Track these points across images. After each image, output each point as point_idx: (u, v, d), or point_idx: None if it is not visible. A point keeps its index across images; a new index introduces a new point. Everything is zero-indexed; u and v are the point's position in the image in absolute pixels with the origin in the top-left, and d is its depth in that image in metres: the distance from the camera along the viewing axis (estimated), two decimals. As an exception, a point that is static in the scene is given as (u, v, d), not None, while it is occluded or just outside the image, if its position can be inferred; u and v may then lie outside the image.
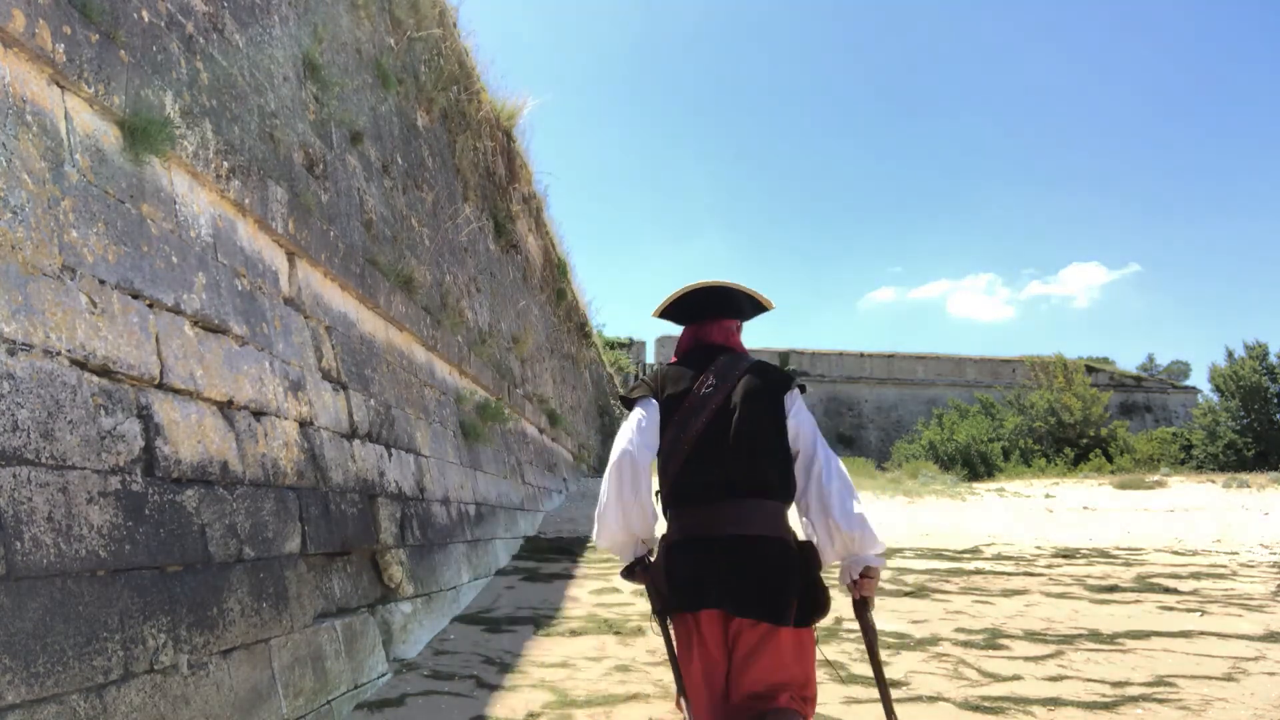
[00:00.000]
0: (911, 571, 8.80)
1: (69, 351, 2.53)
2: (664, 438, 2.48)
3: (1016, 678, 4.79)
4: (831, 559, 2.41)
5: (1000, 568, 9.24)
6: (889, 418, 42.31)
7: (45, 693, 2.13)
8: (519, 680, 4.52)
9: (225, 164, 3.71)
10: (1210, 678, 4.78)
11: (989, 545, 11.42)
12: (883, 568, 2.39)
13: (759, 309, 2.71)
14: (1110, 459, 30.28)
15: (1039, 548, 11.23)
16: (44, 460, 2.33)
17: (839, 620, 5.84)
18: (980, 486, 22.58)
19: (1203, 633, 5.97)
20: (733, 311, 2.69)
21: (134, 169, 3.10)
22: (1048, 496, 19.83)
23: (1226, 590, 7.80)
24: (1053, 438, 33.09)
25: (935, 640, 5.66)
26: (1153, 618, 6.53)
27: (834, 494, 2.35)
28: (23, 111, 2.55)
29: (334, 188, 5.33)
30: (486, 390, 9.08)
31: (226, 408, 3.40)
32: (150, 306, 3.01)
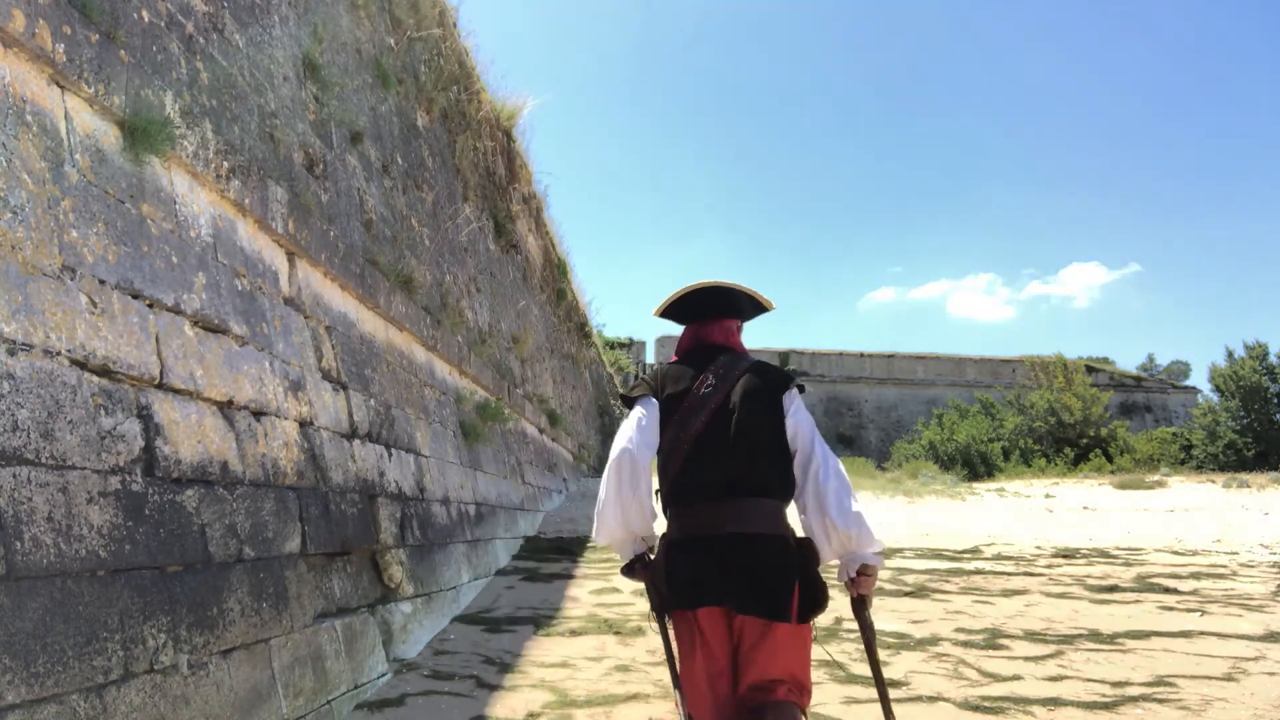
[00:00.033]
0: (911, 571, 8.80)
1: (69, 351, 2.53)
2: (664, 437, 2.50)
3: (1016, 678, 4.79)
4: (829, 557, 2.43)
5: (1000, 568, 9.24)
6: (889, 418, 42.30)
7: (45, 693, 2.14)
8: (519, 680, 4.52)
9: (225, 164, 3.71)
10: (1210, 678, 4.78)
11: (989, 545, 11.42)
12: (880, 566, 2.42)
13: (759, 309, 2.74)
14: (1110, 459, 30.27)
15: (1039, 548, 11.22)
16: (44, 460, 2.33)
17: (839, 620, 5.84)
18: (980, 486, 22.58)
19: (1203, 633, 5.97)
20: (733, 312, 2.72)
21: (134, 169, 3.10)
22: (1048, 496, 19.83)
23: (1226, 590, 7.80)
24: (1053, 438, 33.08)
25: (935, 640, 5.66)
26: (1153, 618, 6.53)
27: (830, 493, 2.36)
28: (23, 111, 2.56)
29: (334, 188, 5.33)
30: (486, 390, 9.08)
31: (226, 408, 3.40)
32: (150, 306, 3.01)
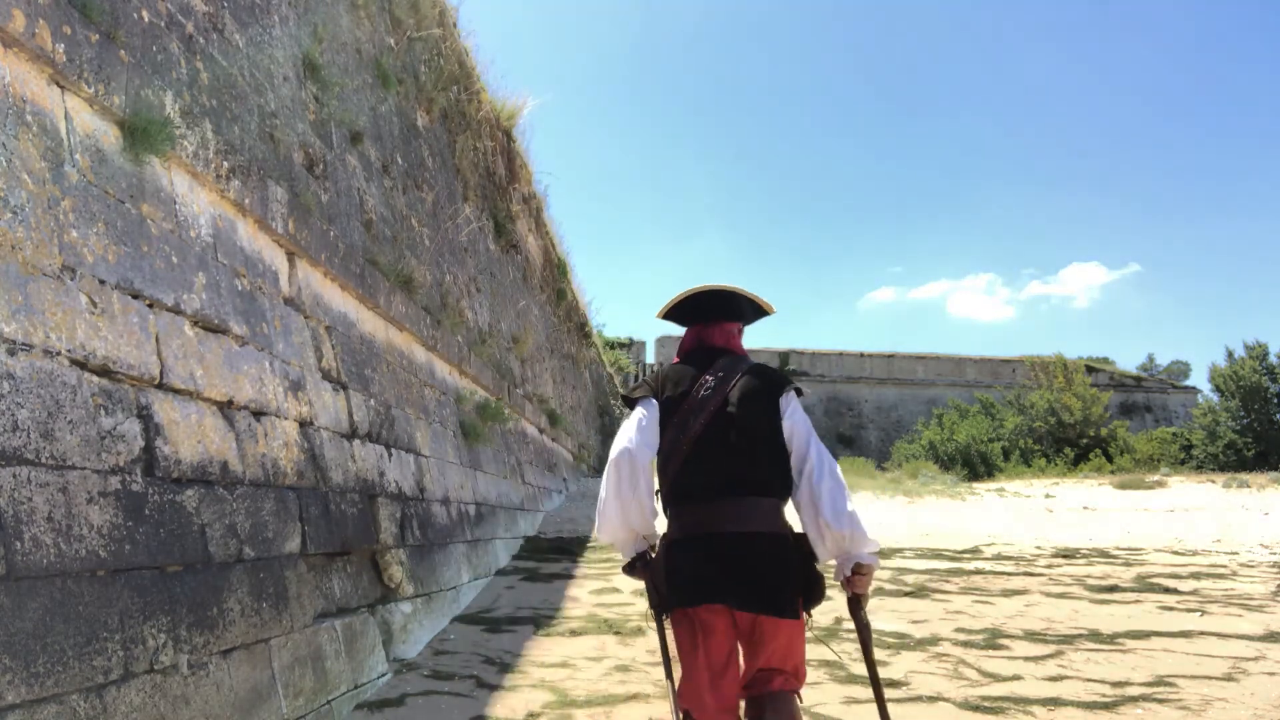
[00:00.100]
0: (911, 571, 8.80)
1: (69, 351, 2.53)
2: (664, 438, 2.54)
3: (1016, 678, 4.79)
4: (825, 558, 2.46)
5: (1000, 568, 9.24)
6: (889, 418, 42.29)
7: (45, 693, 2.14)
8: (519, 680, 4.52)
9: (225, 164, 3.71)
10: (1210, 678, 4.78)
11: (989, 545, 11.42)
12: (876, 566, 2.44)
13: (760, 313, 2.79)
14: (1110, 459, 30.25)
15: (1039, 548, 11.22)
16: (44, 460, 2.33)
17: (839, 620, 5.84)
18: (980, 486, 22.56)
19: (1203, 633, 5.97)
20: (734, 315, 2.76)
21: (134, 169, 3.10)
22: (1048, 496, 19.82)
23: (1226, 590, 7.80)
24: (1053, 438, 33.07)
25: (935, 640, 5.66)
26: (1153, 618, 6.53)
27: (824, 493, 2.39)
28: (23, 111, 2.56)
29: (334, 188, 5.33)
30: (486, 390, 9.08)
31: (226, 408, 3.40)
32: (150, 306, 3.01)
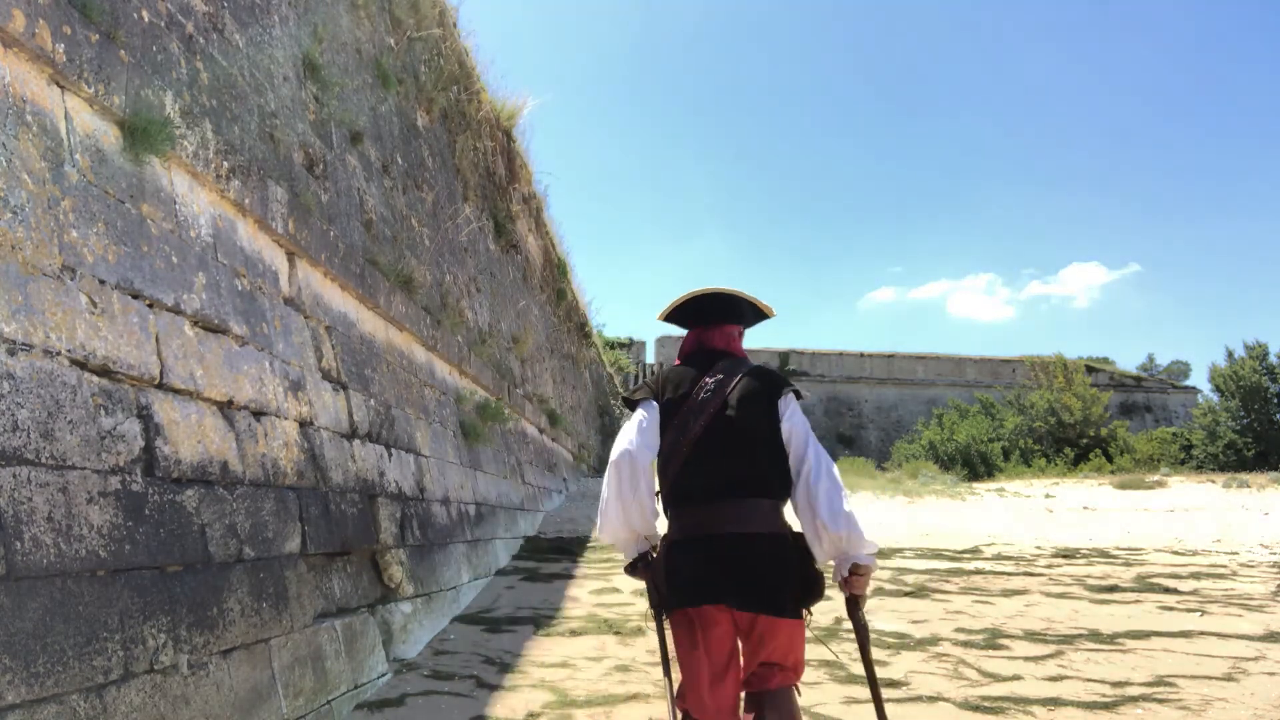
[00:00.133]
0: (911, 571, 8.80)
1: (69, 351, 2.53)
2: (664, 439, 2.55)
3: (1016, 678, 4.79)
4: (823, 558, 2.46)
5: (1000, 568, 9.24)
6: (889, 418, 42.28)
7: (45, 693, 2.14)
8: (519, 680, 4.52)
9: (225, 164, 3.71)
10: (1210, 678, 4.78)
11: (989, 545, 11.42)
12: (874, 566, 2.45)
13: (760, 316, 2.81)
14: (1110, 459, 30.24)
15: (1039, 548, 11.22)
16: (44, 460, 2.33)
17: (838, 620, 5.84)
18: (980, 486, 22.56)
19: (1203, 633, 5.97)
20: (735, 317, 2.78)
21: (134, 169, 3.10)
22: (1048, 496, 19.81)
23: (1226, 590, 7.80)
24: (1053, 438, 33.06)
25: (935, 640, 5.66)
26: (1153, 618, 6.53)
27: (821, 494, 2.39)
28: (23, 111, 2.56)
29: (334, 188, 5.33)
30: (486, 390, 9.08)
31: (226, 408, 3.40)
32: (150, 306, 3.01)
